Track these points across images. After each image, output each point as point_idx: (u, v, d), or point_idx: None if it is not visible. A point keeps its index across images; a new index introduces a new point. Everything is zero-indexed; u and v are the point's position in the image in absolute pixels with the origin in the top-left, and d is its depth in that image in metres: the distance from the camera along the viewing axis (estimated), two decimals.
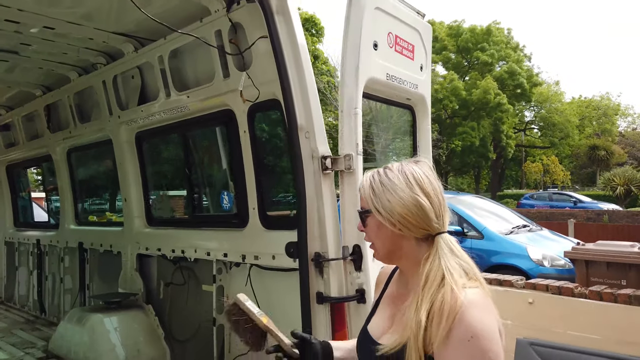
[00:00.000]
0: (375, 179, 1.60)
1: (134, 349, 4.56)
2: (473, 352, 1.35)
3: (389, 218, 1.54)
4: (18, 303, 7.49)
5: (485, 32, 42.84)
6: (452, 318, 1.37)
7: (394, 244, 1.58)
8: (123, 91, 5.03)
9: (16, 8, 3.89)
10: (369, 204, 1.59)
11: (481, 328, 1.36)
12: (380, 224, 1.57)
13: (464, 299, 1.39)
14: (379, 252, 1.64)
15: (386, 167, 1.62)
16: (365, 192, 1.62)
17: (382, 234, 1.59)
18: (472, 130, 40.27)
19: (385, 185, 1.56)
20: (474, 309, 1.39)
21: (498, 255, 9.04)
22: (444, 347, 1.38)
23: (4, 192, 8.01)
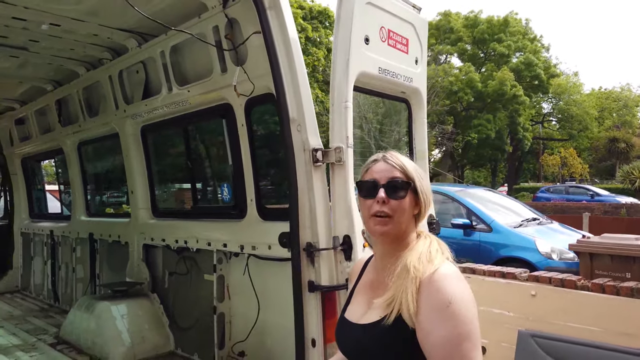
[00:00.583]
0: (411, 161, 1.70)
1: (139, 336, 4.71)
2: (451, 317, 1.44)
3: (424, 200, 1.66)
4: (33, 292, 7.74)
5: (502, 22, 42.17)
6: (433, 287, 1.49)
7: (410, 223, 1.67)
8: (128, 86, 5.17)
9: (22, 6, 4.02)
10: (414, 180, 1.65)
11: (458, 295, 1.47)
12: (412, 199, 1.65)
13: (442, 270, 1.53)
14: (398, 226, 1.64)
15: (395, 152, 1.73)
16: (408, 167, 1.66)
17: (409, 211, 1.65)
18: (488, 122, 39.78)
19: (419, 171, 1.69)
20: (451, 279, 1.51)
21: (506, 248, 9.01)
22: (424, 314, 1.48)
23: (20, 184, 8.25)
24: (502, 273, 5.43)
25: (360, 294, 1.78)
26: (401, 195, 1.64)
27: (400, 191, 1.64)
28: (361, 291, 1.79)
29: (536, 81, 41.76)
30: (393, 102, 4.08)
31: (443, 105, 36.56)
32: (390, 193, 1.64)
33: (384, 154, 1.72)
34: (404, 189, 1.64)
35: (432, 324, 1.46)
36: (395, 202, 1.63)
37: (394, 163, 1.67)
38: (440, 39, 43.09)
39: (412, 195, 1.65)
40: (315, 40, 31.96)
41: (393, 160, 1.68)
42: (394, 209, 1.63)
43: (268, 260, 3.85)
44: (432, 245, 1.64)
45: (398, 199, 1.64)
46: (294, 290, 3.19)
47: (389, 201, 1.63)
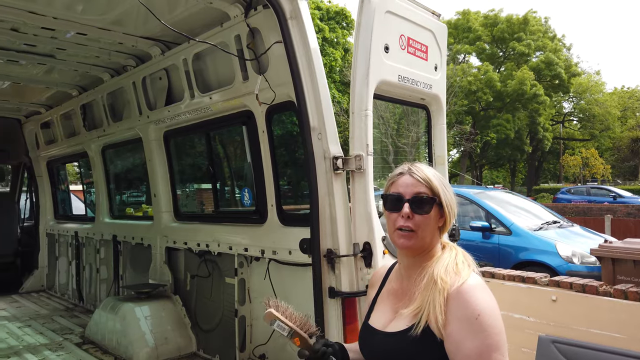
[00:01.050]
0: (436, 173, 1.70)
1: (162, 337, 4.82)
2: (480, 329, 1.47)
3: (449, 212, 1.67)
4: (58, 291, 7.94)
5: (522, 21, 41.64)
6: (461, 298, 1.51)
7: (434, 236, 1.69)
8: (151, 92, 5.28)
9: (51, 16, 4.16)
10: (439, 194, 1.65)
11: (486, 307, 1.50)
12: (438, 214, 1.66)
13: (469, 282, 1.55)
14: (422, 240, 1.66)
15: (425, 164, 1.73)
16: (433, 181, 1.66)
17: (434, 225, 1.66)
18: (507, 122, 39.33)
19: (444, 182, 1.69)
20: (479, 290, 1.53)
21: (526, 252, 8.92)
22: (454, 326, 1.50)
23: (45, 186, 8.46)
24: (522, 277, 5.40)
25: (384, 302, 1.80)
26: (426, 211, 1.65)
27: (425, 206, 1.65)
28: (385, 299, 1.81)
29: (557, 80, 41.13)
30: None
31: (461, 106, 36.28)
32: (415, 208, 1.64)
33: (410, 167, 1.72)
34: (429, 204, 1.65)
35: (461, 336, 1.49)
36: (420, 217, 1.64)
37: (419, 177, 1.67)
38: (458, 38, 42.73)
39: (437, 208, 1.66)
40: (333, 40, 31.99)
41: (419, 174, 1.67)
42: (418, 224, 1.64)
43: (288, 265, 3.91)
44: (458, 257, 1.66)
45: (423, 214, 1.64)
46: (315, 296, 3.23)
47: (414, 216, 1.64)
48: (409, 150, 20.57)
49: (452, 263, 1.62)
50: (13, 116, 8.19)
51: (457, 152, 44.62)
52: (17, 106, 7.61)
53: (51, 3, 3.98)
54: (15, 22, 4.22)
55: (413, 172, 1.69)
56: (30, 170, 8.64)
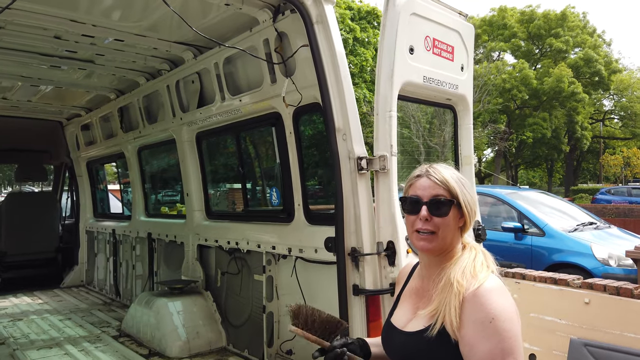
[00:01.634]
0: (454, 174, 1.69)
1: (194, 331, 4.99)
2: (495, 333, 1.48)
3: (469, 212, 1.67)
4: (97, 286, 8.27)
5: (559, 17, 40.49)
6: (476, 302, 1.51)
7: (455, 236, 1.68)
8: (184, 95, 5.47)
9: (91, 24, 4.39)
10: (457, 195, 1.65)
11: (502, 310, 1.50)
12: (458, 215, 1.66)
13: (486, 285, 1.55)
14: (442, 242, 1.66)
15: (444, 165, 1.73)
16: (451, 183, 1.66)
17: (454, 225, 1.66)
18: (544, 121, 38.31)
19: (463, 182, 1.68)
20: (495, 294, 1.53)
21: (560, 254, 8.74)
22: (467, 328, 1.51)
23: (85, 185, 8.83)
24: (554, 279, 5.32)
25: (407, 300, 1.83)
26: (444, 212, 1.65)
27: (443, 208, 1.65)
28: (407, 297, 1.84)
29: (596, 77, 39.79)
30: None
31: (495, 104, 35.57)
32: (433, 210, 1.65)
33: (427, 169, 1.72)
34: (447, 206, 1.65)
35: (475, 339, 1.50)
36: (439, 220, 1.65)
37: (436, 179, 1.67)
38: (492, 35, 41.91)
39: (455, 210, 1.66)
40: (364, 40, 31.92)
41: (436, 176, 1.67)
42: (437, 226, 1.65)
43: (314, 263, 4.00)
44: (477, 259, 1.65)
45: (441, 217, 1.65)
46: (339, 293, 3.31)
47: (432, 218, 1.65)
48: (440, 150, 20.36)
49: (469, 265, 1.61)
50: (55, 119, 8.58)
51: (491, 152, 43.77)
52: (59, 109, 7.98)
53: (90, 11, 4.19)
54: (58, 30, 4.46)
55: (430, 174, 1.69)
56: (71, 170, 9.03)
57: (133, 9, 4.20)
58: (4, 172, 44.93)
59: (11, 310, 6.91)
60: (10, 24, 4.29)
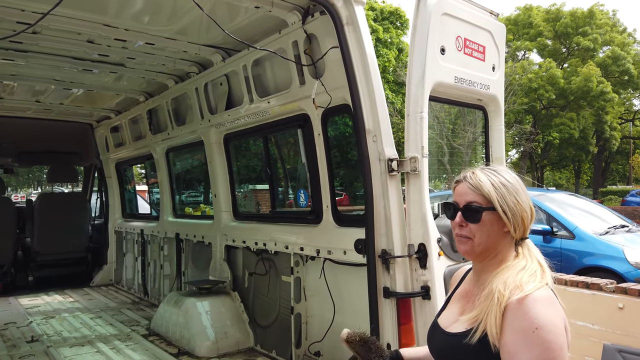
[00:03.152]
0: (494, 178, 1.66)
1: (222, 331, 5.03)
2: (536, 343, 1.45)
3: (512, 217, 1.63)
4: (125, 285, 8.42)
5: (587, 15, 39.58)
6: (520, 311, 1.48)
7: (496, 242, 1.66)
8: (213, 97, 5.52)
9: (123, 28, 4.47)
10: (492, 201, 1.63)
11: (546, 321, 1.46)
12: (496, 221, 1.64)
13: (533, 295, 1.51)
14: (478, 247, 1.67)
15: (493, 169, 1.70)
16: (485, 189, 1.64)
17: (492, 231, 1.64)
18: (571, 121, 37.47)
19: (507, 187, 1.65)
20: (540, 304, 1.49)
21: (591, 257, 8.54)
22: (509, 336, 1.49)
23: (114, 186, 9.00)
24: (586, 283, 5.21)
25: (455, 303, 1.84)
26: (477, 219, 1.65)
27: (476, 215, 1.65)
28: (457, 300, 1.85)
29: (626, 76, 38.72)
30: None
31: (521, 104, 34.96)
32: (467, 217, 1.67)
33: (466, 174, 1.72)
34: (480, 212, 1.64)
35: (516, 347, 1.47)
36: (473, 226, 1.66)
37: (471, 185, 1.67)
38: (518, 34, 41.21)
39: (492, 216, 1.64)
40: (386, 41, 31.77)
41: (471, 182, 1.68)
42: (472, 232, 1.66)
43: (343, 265, 3.98)
44: (528, 269, 1.61)
45: (474, 223, 1.65)
46: (370, 296, 3.29)
47: (467, 224, 1.67)
48: (464, 151, 20.12)
49: (514, 275, 1.58)
50: (86, 121, 8.78)
51: (517, 153, 43.03)
52: (89, 112, 8.15)
53: (120, 15, 4.27)
54: (91, 34, 4.56)
55: (467, 180, 1.69)
56: (101, 171, 9.22)
57: (163, 12, 4.26)
58: (34, 173, 46.18)
59: (44, 308, 7.09)
60: (46, 29, 4.41)
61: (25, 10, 3.91)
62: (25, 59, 5.17)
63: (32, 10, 3.88)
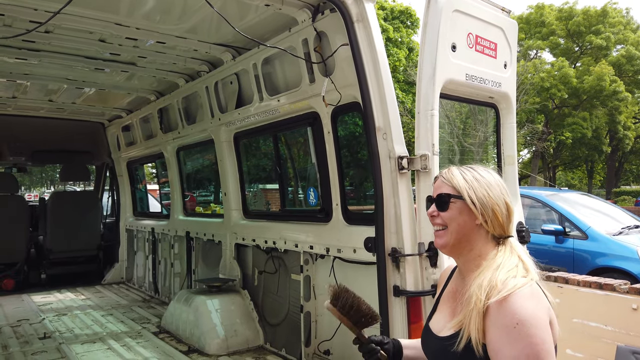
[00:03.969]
0: (467, 173, 1.74)
1: (232, 329, 5.04)
2: (518, 338, 1.45)
3: (481, 208, 1.68)
4: (136, 283, 8.48)
5: (600, 13, 39.12)
6: (501, 308, 1.49)
7: (468, 234, 1.70)
8: (223, 96, 5.54)
9: (134, 27, 4.49)
10: (460, 191, 1.70)
11: (527, 315, 1.46)
12: (464, 210, 1.70)
13: (515, 292, 1.50)
14: (450, 237, 1.72)
15: (470, 166, 1.77)
16: (455, 180, 1.73)
17: (461, 220, 1.70)
18: (584, 120, 37.03)
19: (479, 181, 1.71)
20: (522, 299, 1.49)
21: (604, 258, 8.45)
22: (492, 335, 1.50)
23: (125, 185, 9.07)
24: (599, 284, 5.15)
25: (445, 304, 1.84)
26: (445, 207, 1.73)
27: (446, 203, 1.73)
28: (446, 300, 1.85)
29: None
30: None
31: (533, 103, 34.63)
32: (438, 206, 1.76)
33: (442, 171, 1.83)
34: (451, 200, 1.72)
35: (500, 345, 1.48)
36: (444, 214, 1.73)
37: (444, 178, 1.77)
38: (530, 33, 40.84)
39: (463, 204, 1.70)
40: (397, 40, 31.64)
41: (444, 176, 1.78)
42: (444, 220, 1.73)
43: (353, 264, 3.97)
44: (504, 265, 1.61)
45: (444, 211, 1.73)
46: (380, 294, 3.28)
47: (439, 214, 1.75)
48: (475, 150, 19.98)
49: (490, 276, 1.58)
50: (97, 120, 8.86)
51: (528, 153, 42.65)
52: (101, 111, 8.22)
53: (131, 14, 4.30)
54: (103, 33, 4.59)
55: (442, 174, 1.80)
56: (112, 170, 9.30)
57: (174, 11, 4.28)
58: (47, 172, 46.72)
59: (56, 305, 7.16)
60: (59, 28, 4.44)
61: (37, 9, 3.94)
62: (38, 58, 5.22)
63: (45, 9, 3.92)
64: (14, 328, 5.89)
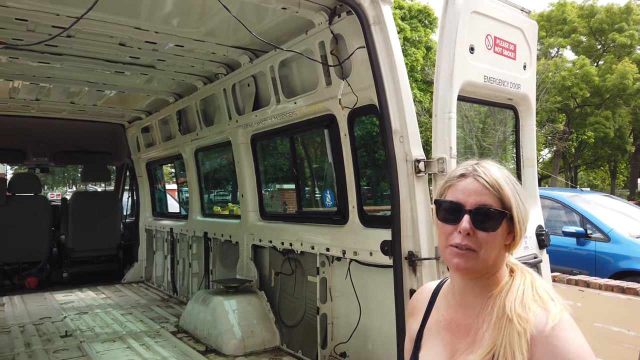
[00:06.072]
0: (509, 177, 1.34)
1: (249, 330, 5.07)
2: None
3: (521, 227, 1.32)
4: (155, 283, 8.59)
5: (623, 10, 38.28)
6: (552, 343, 1.20)
7: (499, 256, 1.34)
8: (240, 98, 5.58)
9: (153, 31, 4.55)
10: (510, 206, 1.29)
11: (584, 356, 1.20)
12: (507, 231, 1.31)
13: (563, 322, 1.23)
14: (481, 264, 1.31)
15: (493, 163, 1.38)
16: (505, 190, 1.30)
17: (499, 243, 1.31)
18: (607, 119, 36.31)
19: (518, 188, 1.33)
20: (573, 334, 1.23)
21: (627, 261, 8.26)
22: None
23: (144, 185, 9.20)
24: (622, 288, 5.06)
25: (435, 339, 1.45)
26: (492, 227, 1.29)
27: (491, 222, 1.29)
28: (435, 334, 1.45)
29: None
30: None
31: (554, 102, 34.07)
32: (478, 223, 1.28)
33: (476, 167, 1.35)
34: (497, 220, 1.29)
35: None
36: (484, 235, 1.28)
37: (486, 182, 1.30)
38: (551, 31, 40.18)
39: (506, 224, 1.31)
40: (414, 40, 31.42)
41: (486, 179, 1.30)
42: (481, 243, 1.29)
43: (369, 267, 3.96)
44: (536, 286, 1.32)
45: (488, 232, 1.28)
46: (396, 298, 3.26)
47: (476, 233, 1.28)
48: (494, 150, 19.73)
49: (529, 294, 1.28)
50: (118, 122, 9.00)
51: (549, 152, 41.98)
52: (121, 113, 8.36)
53: (150, 18, 4.35)
54: (123, 37, 4.67)
55: (479, 175, 1.31)
56: (132, 171, 9.43)
57: (192, 15, 4.32)
58: (69, 172, 47.63)
59: (77, 304, 7.29)
60: (80, 33, 4.53)
61: (60, 15, 4.02)
62: (61, 62, 5.33)
63: (67, 14, 4.00)
64: (37, 326, 6.02)
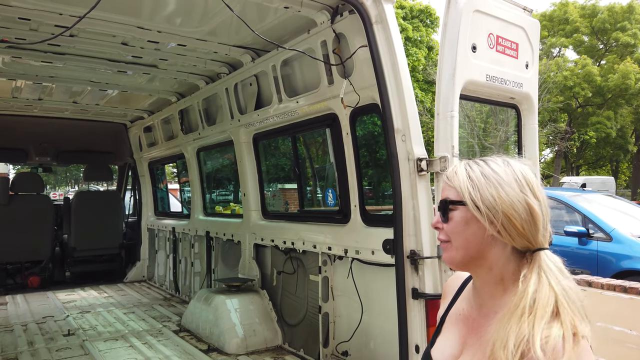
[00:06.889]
0: (475, 169, 1.34)
1: (251, 329, 5.08)
2: None
3: (488, 215, 1.26)
4: (157, 282, 8.61)
5: (626, 10, 38.20)
6: None
7: (480, 249, 1.30)
8: (242, 97, 5.59)
9: (156, 30, 4.56)
10: (463, 195, 1.31)
11: None
12: (470, 220, 1.30)
13: (583, 345, 1.12)
14: (457, 253, 1.33)
15: (486, 158, 1.37)
16: (457, 181, 1.34)
17: (469, 233, 1.30)
18: (609, 119, 36.25)
19: (488, 178, 1.30)
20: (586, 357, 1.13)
21: (629, 260, 8.26)
22: None
23: (147, 185, 9.21)
24: (624, 287, 5.05)
25: (452, 327, 1.47)
26: (451, 217, 1.34)
27: (450, 212, 1.35)
28: (453, 323, 1.47)
29: None
30: None
31: (555, 102, 34.03)
32: (442, 216, 1.37)
33: (448, 170, 1.45)
34: (454, 207, 1.34)
35: None
36: (446, 226, 1.36)
37: (447, 178, 1.40)
38: (553, 31, 40.12)
39: (467, 212, 1.31)
40: (416, 40, 31.40)
41: (447, 175, 1.41)
42: (448, 234, 1.36)
43: (371, 265, 3.97)
44: (539, 307, 1.17)
45: (449, 221, 1.35)
46: (398, 297, 3.27)
47: (443, 225, 1.37)
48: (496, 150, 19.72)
49: (522, 331, 1.14)
50: (120, 121, 9.01)
51: (551, 152, 41.94)
52: (123, 112, 8.37)
53: (153, 17, 4.36)
54: (125, 36, 4.68)
55: (446, 172, 1.44)
56: (134, 170, 9.45)
57: (194, 14, 4.33)
58: (72, 172, 47.73)
59: (79, 303, 7.31)
60: (83, 32, 4.54)
61: (62, 14, 4.04)
62: (63, 61, 5.34)
63: (70, 14, 4.01)
64: (40, 325, 6.04)
